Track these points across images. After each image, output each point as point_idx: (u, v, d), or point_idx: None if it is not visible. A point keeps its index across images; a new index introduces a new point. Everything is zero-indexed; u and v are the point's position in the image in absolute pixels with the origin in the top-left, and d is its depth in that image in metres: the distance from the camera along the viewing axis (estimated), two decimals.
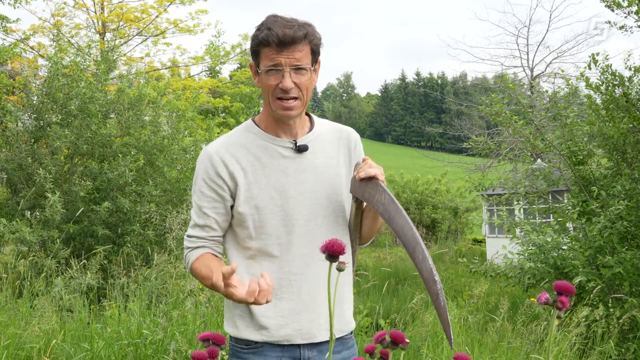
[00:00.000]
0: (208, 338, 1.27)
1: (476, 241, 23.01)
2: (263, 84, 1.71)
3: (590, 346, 5.14)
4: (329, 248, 1.25)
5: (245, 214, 1.72)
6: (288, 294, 1.72)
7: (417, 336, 5.10)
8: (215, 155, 1.74)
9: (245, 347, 1.74)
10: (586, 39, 23.11)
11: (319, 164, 1.78)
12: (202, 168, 1.75)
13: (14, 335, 3.91)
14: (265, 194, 1.72)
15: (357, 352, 1.87)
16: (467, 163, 17.92)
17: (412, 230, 1.54)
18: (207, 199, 1.74)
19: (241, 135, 1.78)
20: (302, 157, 1.76)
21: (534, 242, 6.25)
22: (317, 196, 1.76)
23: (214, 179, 1.73)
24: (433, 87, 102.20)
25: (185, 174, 8.83)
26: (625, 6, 6.36)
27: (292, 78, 1.66)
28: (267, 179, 1.73)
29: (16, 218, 7.21)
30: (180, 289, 5.16)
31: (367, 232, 1.85)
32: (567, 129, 6.60)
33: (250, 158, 1.74)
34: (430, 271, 1.47)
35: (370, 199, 1.66)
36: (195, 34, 15.25)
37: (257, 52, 1.70)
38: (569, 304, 1.10)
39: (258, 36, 1.67)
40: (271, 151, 1.75)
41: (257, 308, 1.71)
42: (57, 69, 8.00)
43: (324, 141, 1.82)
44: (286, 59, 1.64)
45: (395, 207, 1.59)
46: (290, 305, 1.72)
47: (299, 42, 1.65)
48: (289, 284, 1.72)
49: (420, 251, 1.51)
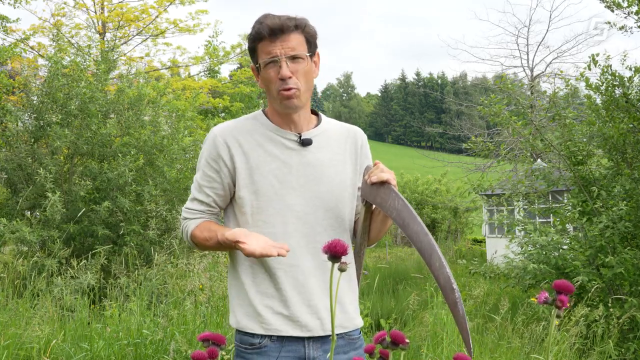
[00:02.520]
0: (208, 338, 1.27)
1: (476, 241, 23.02)
2: (264, 79, 1.73)
3: (590, 346, 5.14)
4: (331, 248, 1.24)
5: (244, 199, 1.74)
6: (284, 284, 1.72)
7: (417, 336, 5.11)
8: (219, 137, 1.77)
9: (249, 347, 1.74)
10: (586, 39, 23.17)
11: (323, 159, 1.78)
12: (206, 148, 1.79)
13: (14, 335, 3.91)
14: (265, 180, 1.73)
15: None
16: (467, 163, 17.93)
17: (427, 236, 1.51)
18: (207, 178, 1.78)
19: (248, 122, 1.81)
20: (306, 150, 1.77)
21: (535, 242, 6.25)
22: (320, 189, 1.75)
23: (215, 159, 1.76)
24: (433, 87, 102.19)
25: (185, 173, 8.83)
26: (625, 6, 6.37)
27: (289, 67, 1.68)
28: (268, 166, 1.74)
29: (16, 218, 7.21)
30: (180, 288, 5.17)
31: (375, 235, 1.84)
32: (566, 129, 6.60)
33: (253, 144, 1.76)
34: (448, 279, 1.44)
35: (382, 204, 1.64)
36: (194, 33, 15.24)
37: (254, 50, 1.74)
38: (569, 303, 1.10)
39: (252, 33, 1.71)
40: (275, 141, 1.76)
41: (255, 297, 1.72)
42: (57, 68, 7.99)
43: (330, 138, 1.82)
44: (281, 49, 1.67)
45: (409, 212, 1.56)
46: (286, 295, 1.71)
47: (290, 30, 1.68)
48: (284, 273, 1.72)
49: (437, 258, 1.47)
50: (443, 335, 4.60)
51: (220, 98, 16.32)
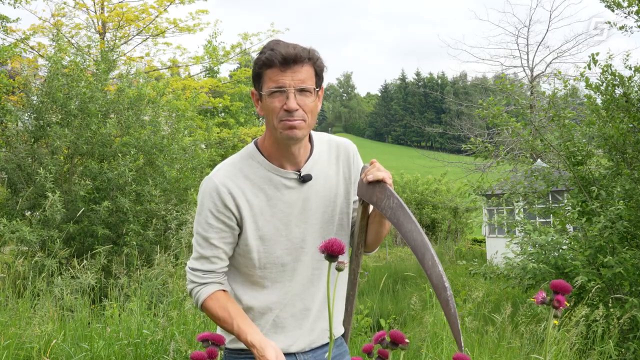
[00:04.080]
0: (207, 338, 1.27)
1: (476, 241, 23.01)
2: (267, 108, 1.66)
3: (590, 346, 5.14)
4: (328, 248, 1.25)
5: (251, 246, 1.72)
6: (287, 315, 1.76)
7: (416, 336, 5.11)
8: (222, 187, 1.70)
9: (240, 351, 1.76)
10: (586, 39, 22.99)
11: (320, 190, 1.78)
12: (209, 199, 1.71)
13: (14, 335, 3.91)
14: (270, 225, 1.72)
15: (348, 350, 1.90)
16: (467, 163, 17.92)
17: (421, 235, 1.52)
18: (214, 229, 1.71)
19: (244, 164, 1.75)
20: (306, 186, 1.75)
21: (535, 242, 6.24)
22: (322, 220, 1.77)
23: (221, 211, 1.70)
24: (433, 87, 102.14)
25: (184, 173, 8.84)
26: (626, 6, 6.38)
27: (296, 100, 1.62)
28: (272, 210, 1.72)
29: (16, 218, 7.21)
30: (181, 288, 5.16)
31: (372, 238, 1.82)
32: (565, 129, 6.60)
33: (254, 190, 1.72)
34: (440, 277, 1.45)
35: (378, 203, 1.64)
36: (194, 33, 15.23)
37: (259, 76, 1.66)
38: (569, 303, 1.10)
39: (261, 58, 1.64)
40: (276, 182, 1.73)
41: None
42: (57, 68, 8.00)
43: (323, 165, 1.81)
44: (290, 80, 1.61)
45: (404, 211, 1.57)
46: (284, 323, 1.76)
47: (302, 61, 1.62)
48: (289, 303, 1.77)
49: (430, 257, 1.48)
50: (443, 336, 4.60)
51: (220, 98, 16.31)
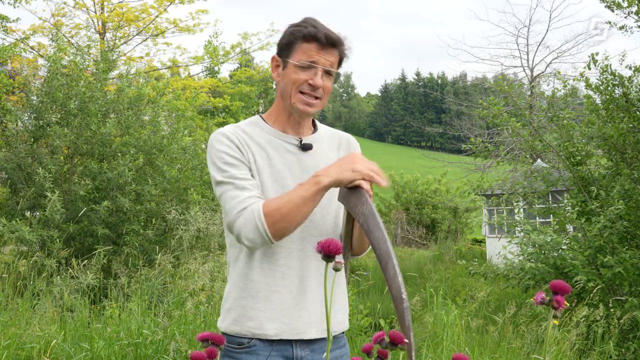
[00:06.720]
0: (207, 338, 1.27)
1: (476, 241, 23.00)
2: (289, 77, 1.73)
3: (590, 346, 5.14)
4: (325, 248, 1.24)
5: None
6: (280, 287, 1.72)
7: (416, 336, 5.11)
8: (230, 134, 1.74)
9: (237, 347, 1.74)
10: (586, 39, 22.99)
11: (320, 166, 1.77)
12: (219, 144, 1.72)
13: (15, 335, 3.91)
14: (267, 182, 1.73)
15: (349, 351, 1.88)
16: (467, 163, 17.92)
17: (386, 244, 1.53)
18: (235, 167, 1.70)
19: (248, 127, 1.80)
20: (305, 155, 1.79)
21: (534, 242, 6.25)
22: None
23: (234, 149, 1.71)
24: (433, 87, 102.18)
25: (184, 173, 8.84)
26: (625, 6, 6.38)
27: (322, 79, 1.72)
28: (270, 169, 1.75)
29: (16, 218, 7.21)
30: (181, 288, 5.17)
31: (356, 244, 1.81)
32: (564, 130, 6.60)
33: (257, 148, 1.76)
34: (399, 288, 1.46)
35: (353, 209, 1.64)
36: (194, 33, 15.24)
37: (291, 45, 1.72)
38: (570, 304, 1.10)
39: (302, 31, 1.71)
40: (276, 145, 1.77)
41: (247, 302, 1.72)
42: (57, 68, 8.00)
43: (326, 145, 1.85)
44: (324, 59, 1.71)
45: (374, 219, 1.58)
46: (280, 298, 1.72)
47: (338, 46, 1.73)
48: (282, 276, 1.72)
49: (392, 267, 1.50)
50: (443, 336, 4.61)
51: (221, 97, 16.32)
